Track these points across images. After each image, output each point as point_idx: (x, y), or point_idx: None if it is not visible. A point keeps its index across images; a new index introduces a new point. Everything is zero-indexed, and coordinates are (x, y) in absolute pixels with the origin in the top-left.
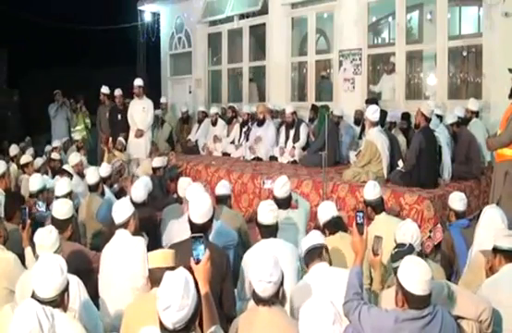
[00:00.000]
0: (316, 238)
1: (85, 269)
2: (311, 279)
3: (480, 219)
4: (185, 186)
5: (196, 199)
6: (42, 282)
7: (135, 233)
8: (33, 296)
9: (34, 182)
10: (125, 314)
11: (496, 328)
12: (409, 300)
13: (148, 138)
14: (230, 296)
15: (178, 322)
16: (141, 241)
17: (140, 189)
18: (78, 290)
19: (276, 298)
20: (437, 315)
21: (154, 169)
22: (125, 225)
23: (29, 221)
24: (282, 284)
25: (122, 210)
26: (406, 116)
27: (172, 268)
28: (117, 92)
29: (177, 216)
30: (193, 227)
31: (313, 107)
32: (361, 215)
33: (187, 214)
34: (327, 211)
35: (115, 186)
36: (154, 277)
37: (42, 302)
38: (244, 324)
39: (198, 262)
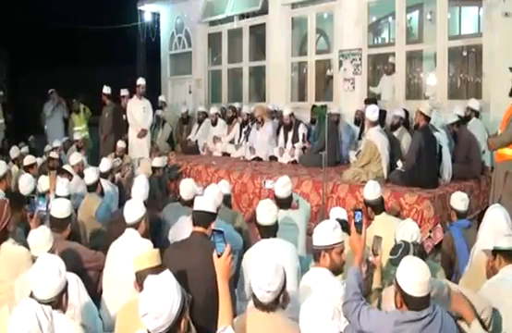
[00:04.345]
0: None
1: (78, 269)
2: None
3: (484, 219)
4: (188, 188)
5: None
6: (41, 283)
7: (144, 235)
8: (31, 297)
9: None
10: (118, 318)
11: (496, 330)
12: (408, 301)
13: (148, 138)
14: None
15: (157, 329)
16: (149, 244)
17: (141, 188)
18: (77, 287)
19: (275, 304)
20: (437, 316)
21: (154, 169)
22: (135, 225)
23: (37, 209)
24: (283, 289)
25: (135, 210)
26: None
27: (159, 267)
28: (124, 92)
29: (177, 216)
30: (198, 215)
31: (314, 108)
32: (359, 213)
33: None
34: (334, 215)
35: (118, 175)
36: (142, 280)
37: (40, 303)
38: (244, 327)
39: (220, 255)
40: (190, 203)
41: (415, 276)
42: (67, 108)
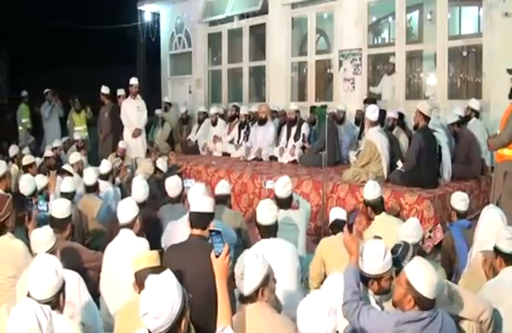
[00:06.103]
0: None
1: (79, 269)
2: None
3: (479, 220)
4: (171, 185)
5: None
6: (37, 284)
7: (139, 234)
8: (29, 297)
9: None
10: (117, 318)
11: (496, 329)
12: (421, 303)
13: (144, 137)
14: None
15: (158, 329)
16: (145, 242)
17: (140, 188)
18: (77, 285)
19: (256, 296)
20: (437, 317)
21: (156, 170)
22: (130, 225)
23: (35, 211)
24: (265, 284)
25: (127, 210)
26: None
27: (158, 268)
28: (120, 92)
29: (172, 216)
30: (196, 217)
31: (313, 109)
32: (353, 214)
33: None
34: (334, 215)
35: (117, 179)
36: (141, 280)
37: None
38: (243, 325)
39: (217, 256)
40: (179, 198)
41: (429, 278)
42: (63, 108)
